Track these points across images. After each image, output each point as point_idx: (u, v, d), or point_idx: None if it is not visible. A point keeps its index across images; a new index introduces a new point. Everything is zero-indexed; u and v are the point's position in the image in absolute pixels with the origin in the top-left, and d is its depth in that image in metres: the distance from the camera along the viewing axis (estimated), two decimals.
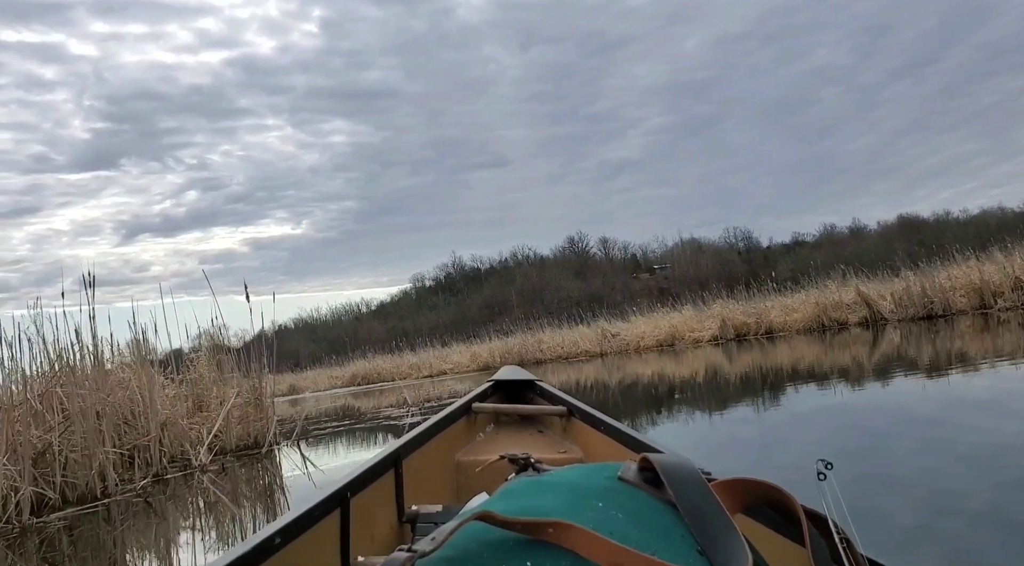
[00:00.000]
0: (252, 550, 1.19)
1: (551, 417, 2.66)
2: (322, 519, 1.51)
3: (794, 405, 5.73)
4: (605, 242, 58.86)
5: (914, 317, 15.59)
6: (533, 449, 2.31)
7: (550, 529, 0.80)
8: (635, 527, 0.85)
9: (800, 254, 46.63)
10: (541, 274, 53.95)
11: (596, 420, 2.35)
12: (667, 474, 0.95)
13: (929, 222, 50.40)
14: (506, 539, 0.80)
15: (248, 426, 7.45)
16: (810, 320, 17.46)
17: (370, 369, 25.41)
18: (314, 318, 63.24)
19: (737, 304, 19.71)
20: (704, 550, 0.84)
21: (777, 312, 18.28)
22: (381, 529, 1.84)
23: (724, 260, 52.01)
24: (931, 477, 2.96)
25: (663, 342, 19.83)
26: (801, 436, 4.41)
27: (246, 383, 7.68)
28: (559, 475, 1.04)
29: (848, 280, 18.09)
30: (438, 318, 50.78)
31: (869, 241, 47.47)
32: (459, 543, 0.78)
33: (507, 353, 22.50)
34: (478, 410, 2.67)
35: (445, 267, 62.20)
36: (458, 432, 2.55)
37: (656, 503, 0.93)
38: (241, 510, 4.61)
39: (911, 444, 3.67)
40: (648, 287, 48.48)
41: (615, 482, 0.97)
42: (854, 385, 6.33)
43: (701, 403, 6.77)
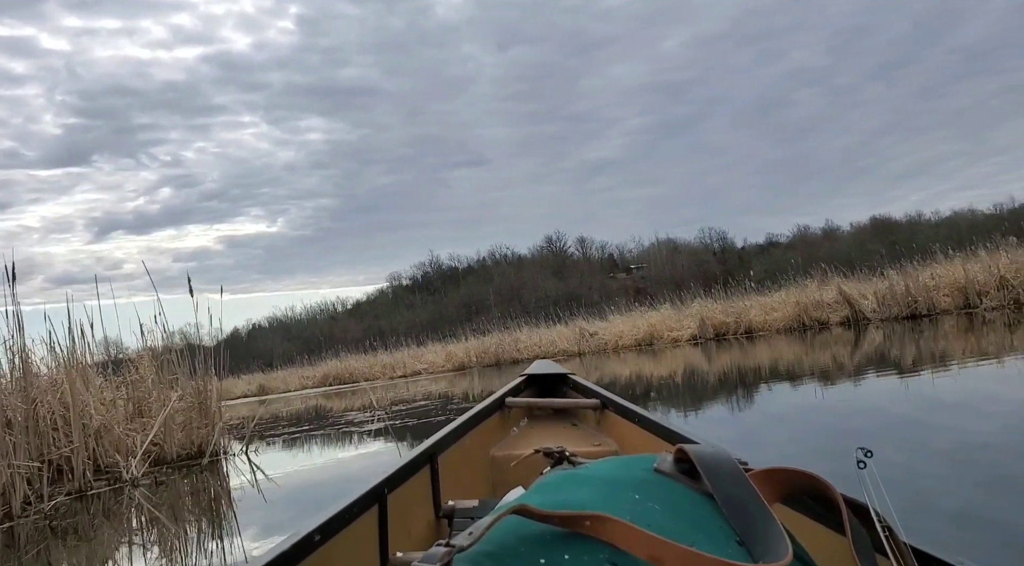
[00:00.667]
0: (292, 547, 1.18)
1: (585, 410, 2.64)
2: (360, 515, 1.48)
3: (771, 405, 5.56)
4: (583, 242, 58.53)
5: (897, 317, 15.13)
6: (567, 442, 2.28)
7: (587, 522, 0.78)
8: (672, 519, 0.84)
9: (774, 255, 46.70)
10: (519, 273, 53.43)
11: (630, 412, 2.33)
12: (703, 465, 0.94)
13: (901, 223, 50.67)
14: (543, 533, 0.78)
15: (192, 433, 6.70)
16: (790, 319, 16.97)
17: (342, 369, 24.61)
18: (288, 317, 62.39)
19: (716, 303, 19.17)
20: (743, 541, 0.83)
21: (757, 311, 17.76)
22: (418, 525, 1.83)
23: (699, 260, 51.97)
24: (908, 475, 2.81)
25: (641, 341, 19.25)
26: (777, 436, 4.26)
27: (190, 386, 6.93)
28: (594, 468, 1.03)
29: (829, 279, 17.60)
30: (415, 317, 50.06)
31: (842, 242, 47.56)
32: (496, 537, 0.77)
33: (483, 353, 21.80)
34: (511, 405, 2.66)
35: (422, 266, 61.49)
36: (492, 427, 2.53)
37: (693, 494, 0.92)
38: (171, 530, 3.90)
39: (891, 444, 3.47)
40: (625, 287, 48.15)
41: (651, 474, 0.96)
42: (834, 385, 6.08)
43: (677, 403, 6.44)
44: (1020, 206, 40.41)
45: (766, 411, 5.37)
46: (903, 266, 16.64)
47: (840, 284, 16.71)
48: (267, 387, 25.17)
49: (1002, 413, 3.97)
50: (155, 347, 7.66)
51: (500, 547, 0.76)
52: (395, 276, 62.52)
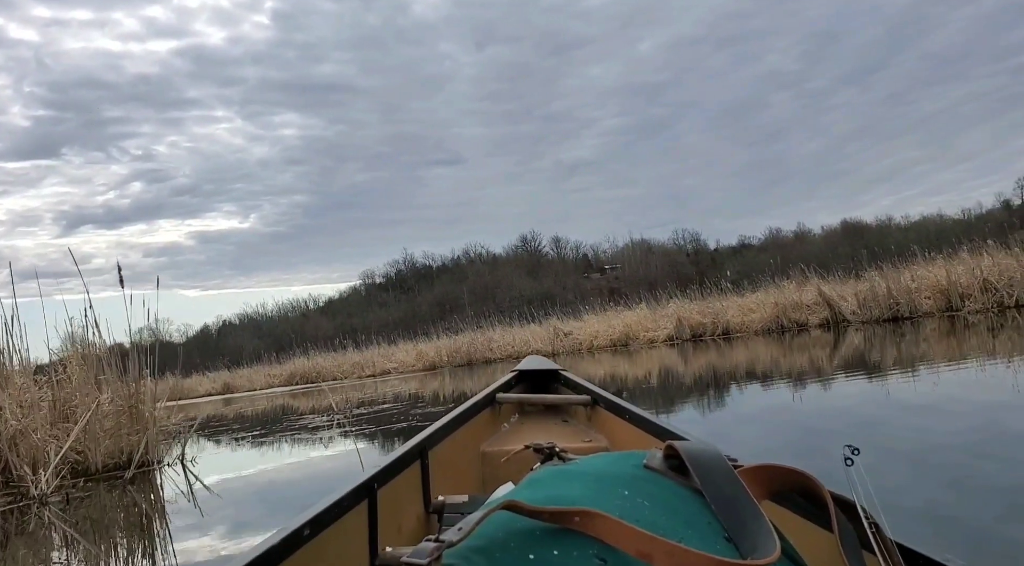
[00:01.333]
0: (282, 542, 1.16)
1: (575, 406, 2.62)
2: (350, 510, 1.45)
3: (746, 406, 5.44)
4: (557, 241, 58.04)
5: (879, 319, 14.68)
6: (558, 438, 2.22)
7: (576, 518, 0.78)
8: (662, 515, 0.84)
9: (747, 257, 46.71)
10: (493, 272, 52.84)
11: (621, 409, 2.32)
12: (693, 461, 0.94)
13: (872, 227, 50.98)
14: (533, 528, 0.78)
15: (121, 440, 5.92)
16: (769, 321, 16.49)
17: (310, 368, 23.75)
18: (260, 314, 61.23)
19: (692, 304, 18.63)
20: (731, 537, 0.83)
21: (735, 312, 17.24)
22: (408, 520, 1.79)
23: (673, 261, 51.85)
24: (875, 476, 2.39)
25: (617, 342, 18.66)
26: (750, 435, 4.17)
27: (123, 387, 6.15)
28: (584, 464, 1.02)
29: (808, 280, 17.12)
30: (388, 316, 49.27)
31: (813, 245, 47.65)
32: (486, 533, 0.76)
33: (455, 352, 21.07)
34: (502, 400, 2.63)
35: (396, 264, 60.56)
36: (483, 422, 2.51)
37: (682, 491, 0.92)
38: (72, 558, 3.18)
39: (866, 446, 2.95)
40: (599, 287, 47.70)
41: (641, 470, 0.96)
42: (811, 387, 5.93)
43: (651, 404, 6.16)
44: (987, 212, 40.74)
45: (740, 412, 5.23)
46: (879, 269, 16.22)
47: (819, 285, 16.24)
48: (232, 385, 24.26)
49: (974, 416, 3.92)
50: (93, 344, 6.83)
51: (490, 542, 0.75)
52: (368, 274, 61.60)
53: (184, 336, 61.46)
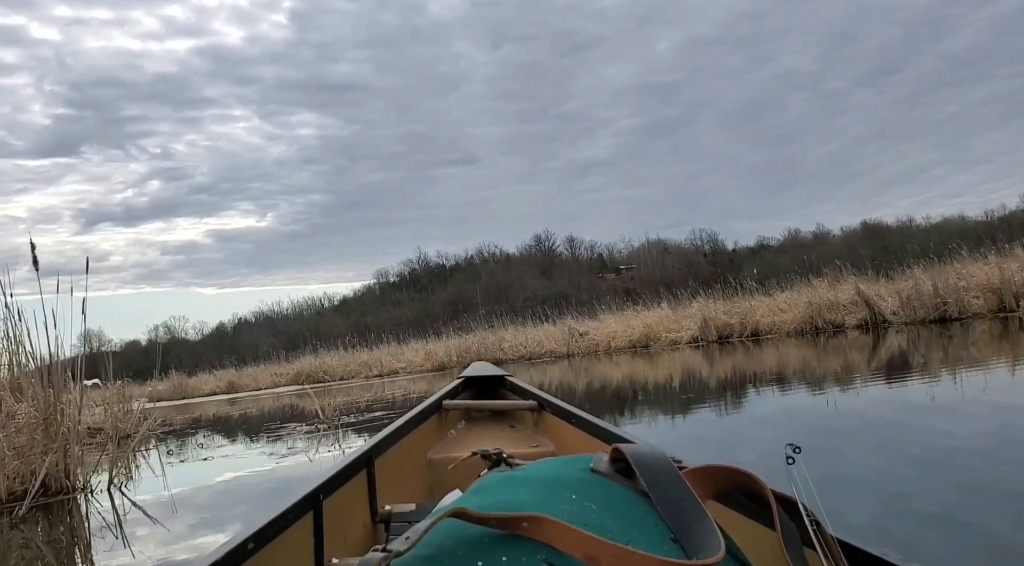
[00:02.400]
0: (224, 557, 1.11)
1: (522, 412, 2.58)
2: (295, 522, 1.41)
3: (783, 419, 4.77)
4: (572, 241, 56.76)
5: (924, 320, 13.27)
6: (505, 444, 2.19)
7: (524, 523, 0.77)
8: (609, 518, 0.83)
9: (765, 257, 45.50)
10: (507, 272, 51.70)
11: (567, 413, 2.28)
12: (639, 464, 0.94)
13: (892, 228, 49.79)
14: (481, 535, 0.77)
15: (34, 461, 4.67)
16: (802, 321, 15.11)
17: (317, 367, 22.54)
18: (275, 312, 60.39)
19: (718, 303, 17.24)
20: (677, 538, 0.83)
21: (764, 312, 15.86)
22: (355, 530, 1.75)
23: (690, 262, 50.70)
24: (919, 504, 2.39)
25: (636, 343, 17.30)
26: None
27: (41, 395, 4.90)
28: (532, 469, 1.01)
29: (844, 278, 15.72)
30: (401, 314, 48.20)
31: (833, 246, 46.26)
32: (434, 541, 0.75)
33: (465, 352, 19.79)
34: (449, 407, 2.58)
35: (410, 263, 59.50)
36: (429, 430, 2.45)
37: (629, 493, 0.91)
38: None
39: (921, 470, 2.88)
40: (614, 287, 46.40)
41: (588, 474, 0.96)
42: (850, 397, 5.30)
43: (674, 411, 5.67)
44: (1011, 213, 39.35)
45: (776, 421, 4.67)
46: (903, 268, 14.91)
47: (858, 284, 14.83)
48: (237, 385, 23.10)
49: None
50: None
51: (438, 551, 0.74)
52: (382, 273, 60.58)
53: (200, 333, 60.81)
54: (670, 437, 4.48)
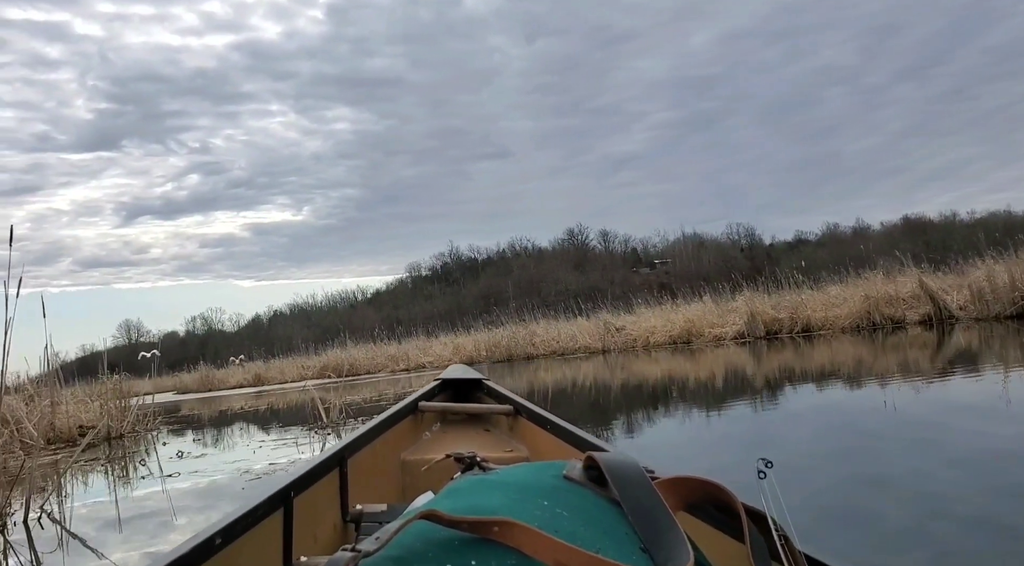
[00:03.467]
0: (192, 550, 1.09)
1: (498, 416, 2.55)
2: (264, 519, 1.38)
3: (841, 426, 4.06)
4: (605, 235, 55.55)
5: (999, 315, 11.88)
6: (480, 448, 2.18)
7: (495, 528, 0.76)
8: (580, 525, 0.82)
9: (804, 252, 44.02)
10: (539, 266, 50.66)
11: (543, 419, 2.25)
12: (611, 472, 0.93)
13: (936, 223, 48.00)
14: (451, 538, 0.75)
15: None
16: (857, 317, 13.75)
17: (343, 360, 21.64)
18: (309, 305, 60.13)
19: (766, 298, 15.91)
20: (647, 548, 0.82)
21: (816, 307, 14.53)
22: (325, 529, 1.71)
23: (726, 256, 49.33)
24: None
25: (677, 339, 16.05)
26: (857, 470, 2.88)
27: None
28: (505, 474, 1.01)
29: (904, 270, 14.31)
30: (433, 308, 47.49)
31: (873, 241, 44.65)
32: (404, 542, 0.74)
33: (494, 346, 18.70)
34: (424, 409, 2.54)
35: (442, 256, 58.69)
36: (404, 431, 2.41)
37: (601, 501, 0.90)
38: None
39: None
40: (648, 282, 45.06)
41: (561, 480, 0.94)
42: (918, 403, 4.57)
43: (720, 414, 5.13)
44: None
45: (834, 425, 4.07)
46: (981, 260, 13.48)
47: (921, 276, 13.43)
48: (263, 377, 22.31)
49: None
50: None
51: (407, 552, 0.72)
52: (415, 267, 59.90)
53: (236, 325, 60.75)
54: (706, 439, 4.10)
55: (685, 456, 3.69)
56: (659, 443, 4.29)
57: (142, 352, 38.50)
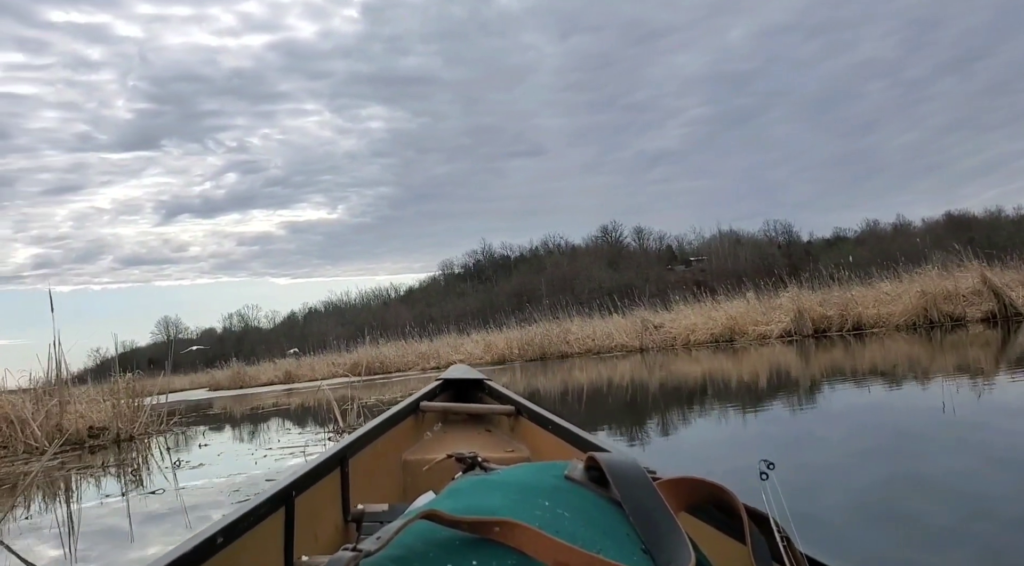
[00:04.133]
0: (193, 550, 1.08)
1: (499, 416, 2.53)
2: (266, 518, 1.36)
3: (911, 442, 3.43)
4: (640, 232, 54.47)
5: None
6: (481, 448, 2.16)
7: (496, 528, 0.75)
8: (581, 526, 0.81)
9: (843, 249, 42.66)
10: (572, 263, 49.82)
11: (544, 419, 2.24)
12: (613, 473, 0.91)
13: (981, 219, 46.17)
14: (452, 538, 0.75)
15: None
16: (913, 313, 12.79)
17: (374, 357, 21.13)
18: (343, 302, 60.09)
19: (813, 294, 14.99)
20: (648, 548, 0.81)
21: (868, 303, 13.60)
22: (326, 529, 1.69)
23: (763, 253, 48.06)
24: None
25: (719, 337, 15.20)
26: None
27: None
28: (506, 474, 0.99)
29: (966, 264, 13.32)
30: (465, 305, 46.99)
31: (915, 237, 43.10)
32: (405, 542, 0.73)
33: (527, 344, 18.00)
34: (426, 409, 2.52)
35: (475, 254, 58.12)
36: (405, 431, 2.38)
37: (602, 502, 0.89)
38: None
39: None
40: (684, 279, 43.97)
41: (562, 481, 0.92)
42: (981, 406, 4.07)
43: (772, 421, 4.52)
44: None
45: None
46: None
47: (984, 271, 12.45)
48: (294, 375, 21.91)
49: None
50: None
51: (408, 552, 0.72)
52: (447, 264, 59.44)
53: (272, 322, 60.92)
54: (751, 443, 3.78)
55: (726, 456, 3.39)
56: (697, 443, 4.01)
57: (188, 347, 38.47)
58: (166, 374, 8.88)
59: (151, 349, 56.15)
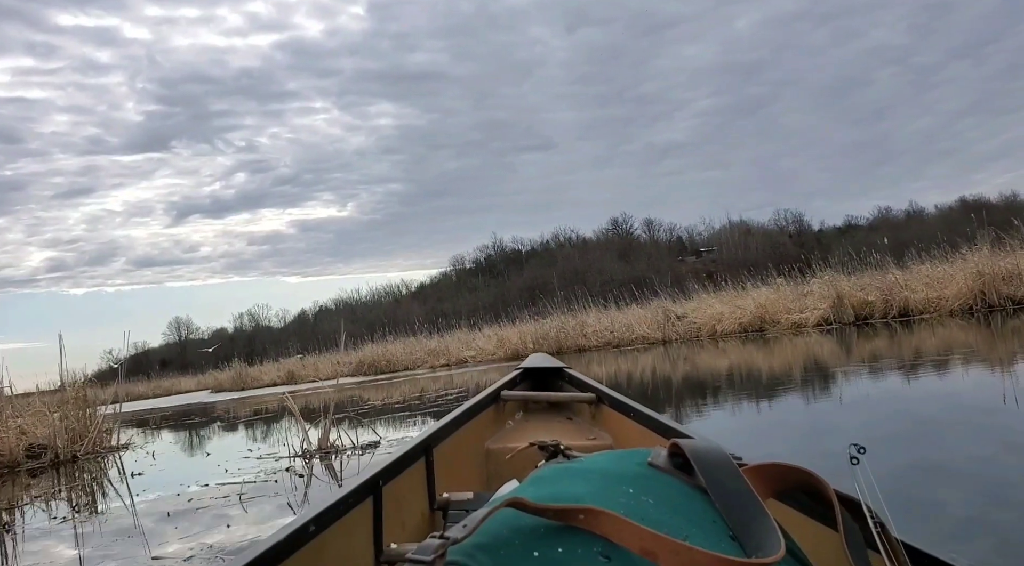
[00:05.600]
0: (287, 538, 1.10)
1: (580, 404, 2.48)
2: (355, 507, 1.38)
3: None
4: (650, 224, 52.97)
5: None
6: (562, 436, 2.14)
7: (581, 515, 0.73)
8: (666, 513, 0.80)
9: (855, 237, 41.09)
10: (583, 256, 48.44)
11: (625, 406, 2.19)
12: (697, 460, 0.89)
13: (997, 205, 44.43)
14: (537, 526, 0.73)
15: None
16: (968, 296, 11.32)
17: (380, 356, 19.77)
18: (354, 299, 58.95)
19: (846, 278, 13.51)
20: (736, 535, 0.79)
21: (917, 286, 12.13)
22: (413, 516, 1.71)
23: (775, 243, 46.57)
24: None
25: (748, 326, 13.74)
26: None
27: None
28: (589, 462, 0.97)
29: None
30: (477, 300, 45.68)
31: (929, 224, 41.53)
32: (491, 530, 0.72)
33: (542, 338, 16.59)
34: (507, 398, 2.47)
35: (486, 249, 56.76)
36: (487, 420, 2.36)
37: (687, 489, 0.87)
38: None
39: None
40: (694, 270, 42.53)
41: (645, 468, 0.91)
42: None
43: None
44: None
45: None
46: None
47: None
48: (297, 375, 20.58)
49: None
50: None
51: (494, 539, 0.70)
52: (458, 259, 58.09)
53: (282, 321, 59.75)
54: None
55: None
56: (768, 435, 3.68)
57: (200, 348, 37.54)
58: (120, 382, 7.51)
59: (163, 350, 55.21)
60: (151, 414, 12.86)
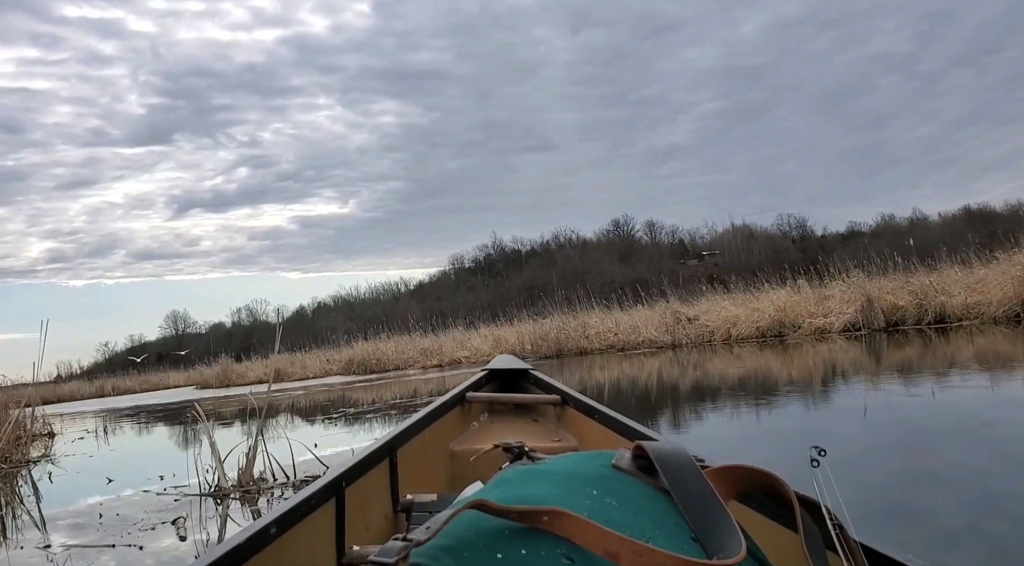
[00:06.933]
0: (248, 540, 1.07)
1: (545, 406, 2.47)
2: (317, 508, 1.34)
3: None
4: (652, 226, 51.71)
5: None
6: (527, 438, 1.97)
7: (545, 517, 0.73)
8: (630, 514, 0.79)
9: (858, 243, 40.03)
10: (584, 257, 47.32)
11: (590, 408, 2.19)
12: (661, 461, 0.88)
13: (1001, 213, 43.31)
14: (501, 527, 0.73)
15: None
16: (1013, 302, 10.07)
17: (370, 354, 18.50)
18: (352, 296, 57.88)
19: (870, 280, 12.26)
20: (698, 537, 0.79)
21: (955, 290, 10.88)
22: (376, 518, 1.67)
23: (777, 247, 45.38)
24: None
25: (766, 331, 12.47)
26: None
27: None
28: (553, 463, 0.95)
29: None
30: (476, 299, 44.52)
31: (932, 231, 40.43)
32: (454, 531, 0.71)
33: (541, 339, 15.29)
34: (472, 399, 2.46)
35: (485, 248, 55.55)
36: (452, 421, 2.33)
37: (650, 490, 0.86)
38: None
39: None
40: (696, 273, 41.41)
41: (609, 470, 0.90)
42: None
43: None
44: None
45: None
46: None
47: None
48: (283, 372, 19.32)
49: None
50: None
51: (458, 541, 0.70)
52: (458, 258, 56.87)
53: (280, 317, 58.58)
54: None
55: None
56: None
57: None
58: (34, 380, 6.21)
59: (159, 343, 54.01)
60: (110, 414, 11.64)
